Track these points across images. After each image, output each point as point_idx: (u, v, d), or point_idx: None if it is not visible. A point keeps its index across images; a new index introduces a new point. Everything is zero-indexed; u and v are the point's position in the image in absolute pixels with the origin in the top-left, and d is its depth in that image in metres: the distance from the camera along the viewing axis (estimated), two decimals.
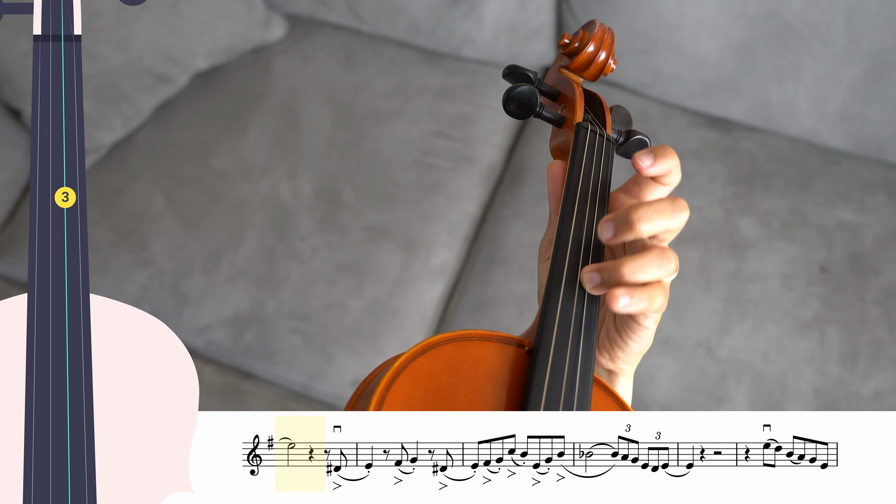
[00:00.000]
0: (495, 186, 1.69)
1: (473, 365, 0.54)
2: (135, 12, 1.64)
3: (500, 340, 0.55)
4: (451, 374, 0.53)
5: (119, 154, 1.70)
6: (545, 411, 0.53)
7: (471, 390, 0.53)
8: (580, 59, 0.71)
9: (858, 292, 1.50)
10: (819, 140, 1.66)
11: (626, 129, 0.69)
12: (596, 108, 0.70)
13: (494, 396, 0.53)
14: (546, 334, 0.55)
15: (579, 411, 0.54)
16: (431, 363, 0.53)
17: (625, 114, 0.70)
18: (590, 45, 0.71)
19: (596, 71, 0.71)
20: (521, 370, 0.55)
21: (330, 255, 1.57)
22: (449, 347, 0.54)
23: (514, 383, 0.54)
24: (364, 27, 1.80)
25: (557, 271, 0.57)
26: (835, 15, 1.49)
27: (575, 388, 0.54)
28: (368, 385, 0.55)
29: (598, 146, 0.64)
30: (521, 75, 0.68)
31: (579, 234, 0.59)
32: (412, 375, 0.52)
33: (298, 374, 1.52)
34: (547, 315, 0.56)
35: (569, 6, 1.67)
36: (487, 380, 0.54)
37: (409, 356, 0.53)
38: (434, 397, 0.52)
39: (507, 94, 0.64)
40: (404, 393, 0.52)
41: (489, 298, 1.54)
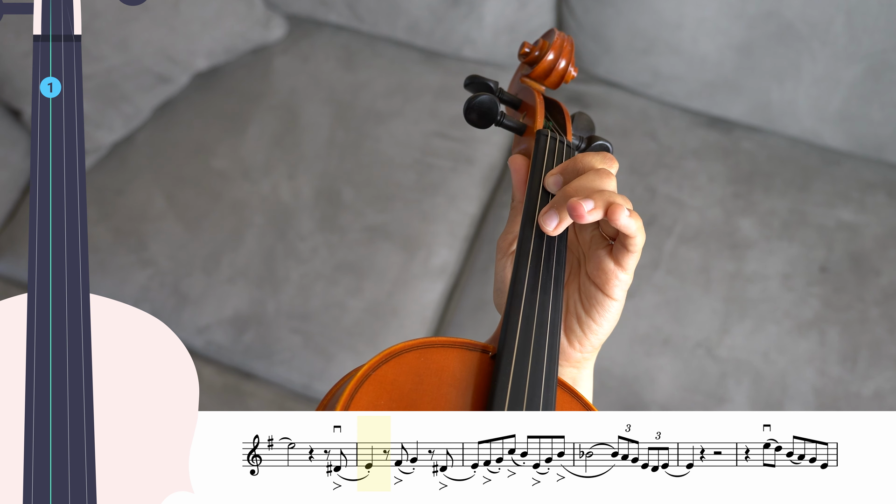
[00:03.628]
0: (495, 186, 1.69)
1: (437, 372, 0.54)
2: (135, 12, 1.64)
3: (463, 347, 0.56)
4: (414, 382, 0.54)
5: (119, 154, 1.70)
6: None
7: (434, 397, 0.54)
8: (540, 67, 0.72)
9: (858, 292, 1.50)
10: (819, 140, 1.66)
11: (587, 134, 0.70)
12: (557, 115, 0.71)
13: (458, 403, 0.54)
14: (509, 339, 0.56)
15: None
16: (395, 371, 0.54)
17: (587, 120, 0.71)
18: (549, 53, 0.72)
19: (556, 79, 0.73)
20: (485, 376, 0.55)
21: (330, 255, 1.57)
22: (412, 355, 0.55)
23: (479, 389, 0.55)
24: (364, 27, 1.80)
25: (520, 277, 0.58)
26: (835, 15, 1.49)
27: (539, 391, 0.54)
28: (334, 395, 0.55)
29: (557, 152, 0.64)
30: (482, 85, 0.69)
31: (539, 241, 0.59)
32: (376, 384, 0.53)
33: (298, 374, 1.52)
34: (510, 320, 0.56)
35: (569, 6, 1.67)
36: (451, 386, 0.54)
37: (373, 364, 0.53)
38: (398, 405, 0.53)
39: (468, 103, 0.65)
40: (368, 401, 0.52)
41: (489, 298, 1.54)
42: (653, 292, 1.51)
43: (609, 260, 0.58)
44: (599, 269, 0.59)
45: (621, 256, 0.58)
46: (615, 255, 0.58)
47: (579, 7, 1.66)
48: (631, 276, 0.59)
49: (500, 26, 1.72)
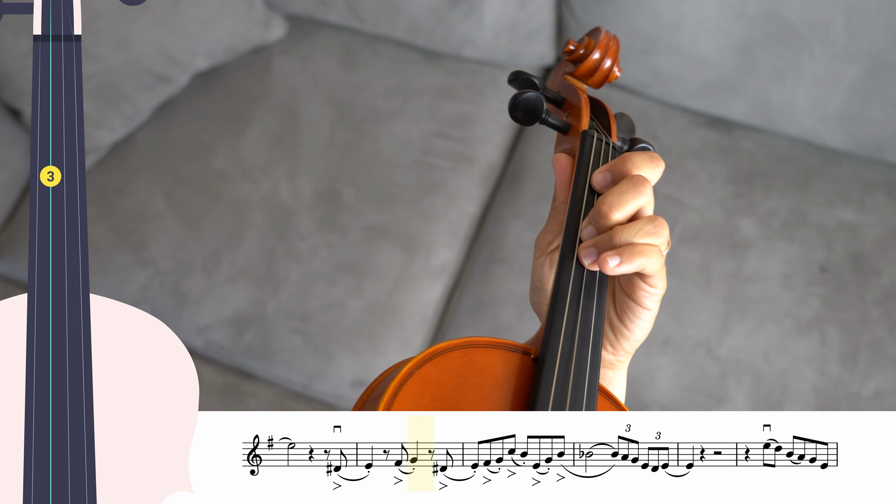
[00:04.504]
0: (495, 186, 1.69)
1: (480, 372, 0.54)
2: (135, 12, 1.64)
3: (505, 348, 0.56)
4: (457, 382, 0.53)
5: (119, 154, 1.70)
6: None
7: (477, 397, 0.53)
8: (585, 66, 0.70)
9: (858, 292, 1.50)
10: (819, 140, 1.65)
11: (629, 136, 0.69)
12: (601, 115, 0.70)
13: (500, 404, 0.54)
14: (552, 343, 0.55)
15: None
16: (438, 370, 0.53)
17: (628, 121, 0.70)
18: (595, 52, 0.70)
19: (601, 78, 0.71)
20: (526, 378, 0.55)
21: (330, 255, 1.57)
22: (456, 354, 0.54)
23: (520, 391, 0.54)
24: (364, 27, 1.80)
25: (564, 281, 0.57)
26: (835, 15, 1.49)
27: (582, 397, 0.54)
28: (375, 390, 0.55)
29: (603, 154, 0.64)
30: (527, 81, 0.67)
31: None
32: (419, 382, 0.53)
33: (298, 374, 1.52)
34: (553, 324, 0.56)
35: (569, 6, 1.67)
36: (493, 387, 0.54)
37: (417, 362, 0.53)
38: (441, 404, 0.53)
39: (514, 100, 0.63)
40: (412, 399, 0.52)
41: (489, 298, 1.54)
42: None
43: (637, 278, 0.58)
44: (630, 283, 0.59)
45: (646, 277, 0.58)
46: (641, 275, 0.58)
47: (579, 7, 1.66)
48: (663, 289, 0.58)
49: (500, 26, 1.72)
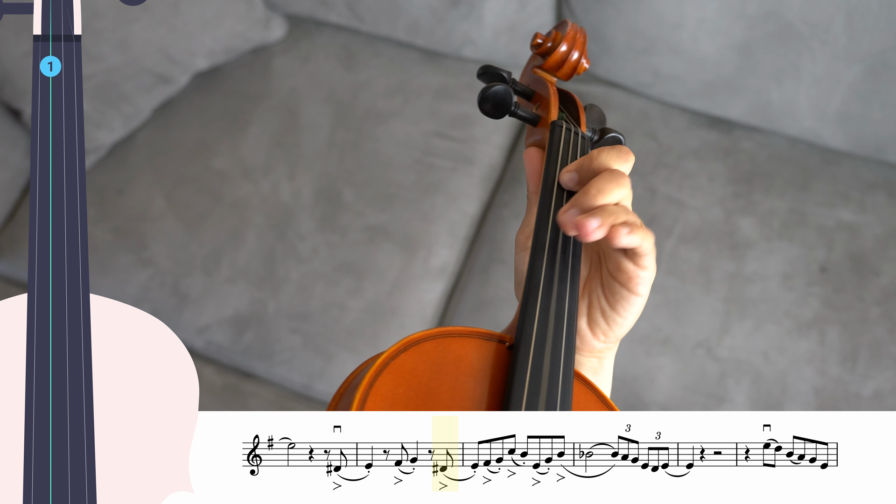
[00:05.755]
0: (495, 186, 1.69)
1: (455, 361, 0.54)
2: (135, 12, 1.64)
3: (480, 336, 0.56)
4: (433, 371, 0.53)
5: (119, 154, 1.70)
6: (528, 408, 0.53)
7: (452, 386, 0.53)
8: (553, 58, 0.72)
9: (858, 292, 1.50)
10: (819, 140, 1.66)
11: (600, 126, 0.70)
12: (570, 106, 0.71)
13: (476, 393, 0.54)
14: (526, 330, 0.55)
15: (562, 405, 0.54)
16: (413, 360, 0.53)
17: (598, 112, 0.71)
18: (562, 44, 0.71)
19: (569, 70, 0.72)
20: (502, 366, 0.55)
21: (330, 255, 1.57)
22: (430, 344, 0.54)
23: (496, 379, 0.55)
24: (364, 27, 1.80)
25: (536, 269, 0.58)
26: (835, 15, 1.49)
27: (558, 383, 0.54)
28: (351, 382, 0.55)
29: (573, 144, 0.64)
30: (496, 75, 0.69)
31: (556, 233, 0.59)
32: (395, 372, 0.53)
33: (298, 374, 1.52)
34: (527, 311, 0.56)
35: (569, 6, 1.67)
36: (469, 376, 0.54)
37: (392, 353, 0.53)
38: (417, 394, 0.53)
39: (483, 93, 0.64)
40: (387, 389, 0.52)
41: (489, 298, 1.54)
42: (653, 292, 1.51)
43: (627, 261, 0.58)
44: (619, 270, 0.59)
45: (636, 258, 0.58)
46: (631, 256, 0.58)
47: (579, 7, 1.66)
48: (653, 272, 0.58)
49: (500, 26, 1.72)
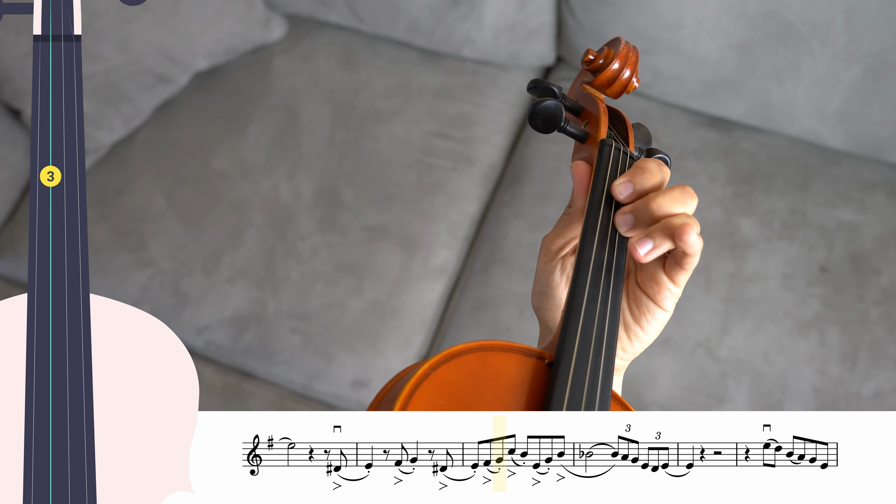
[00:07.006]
0: (495, 186, 1.69)
1: (494, 375, 0.54)
2: (135, 12, 1.64)
3: (520, 352, 0.56)
4: (472, 384, 0.54)
5: (119, 154, 1.70)
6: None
7: (491, 400, 0.54)
8: (604, 76, 0.71)
9: (858, 292, 1.50)
10: (819, 140, 1.65)
11: (647, 146, 0.70)
12: (619, 125, 0.71)
13: (514, 408, 0.54)
14: (567, 348, 0.55)
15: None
16: (454, 372, 0.54)
17: (646, 132, 0.71)
18: (615, 62, 0.71)
19: (619, 88, 0.72)
20: (541, 383, 0.55)
21: (330, 255, 1.57)
22: (471, 357, 0.54)
23: (534, 395, 0.55)
24: (364, 27, 1.80)
25: (579, 288, 0.58)
26: (835, 15, 1.49)
27: (595, 403, 0.54)
28: (390, 391, 0.55)
29: (621, 163, 0.64)
30: (546, 89, 0.68)
31: (601, 252, 0.59)
32: (435, 383, 0.53)
33: (298, 374, 1.52)
34: (568, 330, 0.56)
35: (569, 6, 1.67)
36: (507, 391, 0.54)
37: (433, 364, 0.53)
38: (456, 406, 0.53)
39: (533, 108, 0.64)
40: (427, 400, 0.52)
41: (489, 298, 1.54)
42: None
43: (662, 273, 0.59)
44: (652, 281, 0.59)
45: (674, 273, 0.59)
46: (668, 269, 0.59)
47: (579, 7, 1.66)
48: (680, 293, 0.59)
49: (500, 26, 1.72)
